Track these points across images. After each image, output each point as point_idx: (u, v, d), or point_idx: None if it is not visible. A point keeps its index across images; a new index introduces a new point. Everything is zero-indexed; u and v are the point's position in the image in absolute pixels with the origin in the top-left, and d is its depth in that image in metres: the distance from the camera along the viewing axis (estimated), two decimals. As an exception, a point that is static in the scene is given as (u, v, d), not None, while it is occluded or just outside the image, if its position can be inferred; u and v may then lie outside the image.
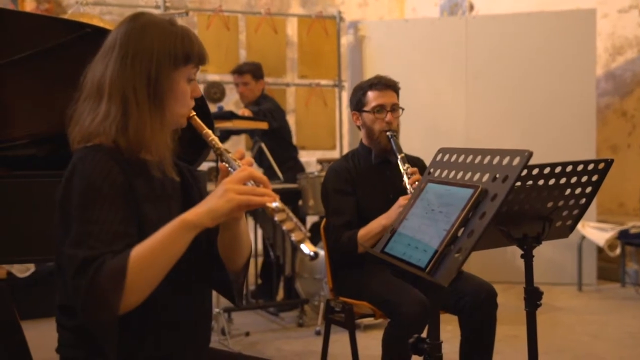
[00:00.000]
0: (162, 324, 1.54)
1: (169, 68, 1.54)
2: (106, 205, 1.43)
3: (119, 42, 1.54)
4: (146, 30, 1.54)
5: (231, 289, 1.68)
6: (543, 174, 1.76)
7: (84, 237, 1.39)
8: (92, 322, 1.38)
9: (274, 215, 1.41)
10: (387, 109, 2.86)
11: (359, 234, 2.74)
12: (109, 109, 1.52)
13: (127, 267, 1.34)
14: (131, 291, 1.35)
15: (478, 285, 2.63)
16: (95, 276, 1.34)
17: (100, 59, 1.57)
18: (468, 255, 1.49)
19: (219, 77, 6.06)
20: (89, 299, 1.35)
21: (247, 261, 1.70)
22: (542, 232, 1.89)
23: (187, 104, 1.61)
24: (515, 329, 3.81)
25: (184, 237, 1.40)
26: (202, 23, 5.71)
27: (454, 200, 1.62)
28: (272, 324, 4.59)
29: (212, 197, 1.42)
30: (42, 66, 2.77)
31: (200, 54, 1.60)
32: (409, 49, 5.95)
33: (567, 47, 5.67)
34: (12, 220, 2.51)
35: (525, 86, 5.74)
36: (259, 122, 4.72)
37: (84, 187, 1.44)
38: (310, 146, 6.13)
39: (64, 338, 1.56)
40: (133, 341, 1.47)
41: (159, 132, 1.54)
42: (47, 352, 1.86)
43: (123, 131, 1.51)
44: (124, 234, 1.43)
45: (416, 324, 2.42)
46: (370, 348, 3.37)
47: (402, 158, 2.72)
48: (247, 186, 1.43)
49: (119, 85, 1.52)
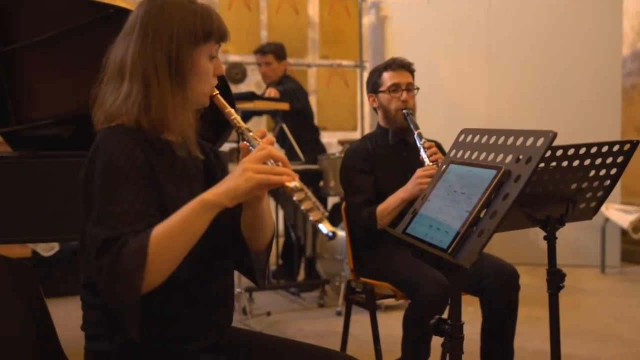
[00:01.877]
0: (184, 303, 1.55)
1: (189, 46, 1.54)
2: (128, 186, 1.43)
3: (139, 23, 1.54)
4: (165, 9, 1.54)
5: (253, 269, 1.69)
6: (567, 155, 1.74)
7: (106, 217, 1.40)
8: (114, 301, 1.39)
9: (293, 194, 1.41)
10: (403, 87, 2.90)
11: (378, 209, 2.76)
12: (130, 89, 1.52)
13: (148, 247, 1.35)
14: (152, 271, 1.36)
15: (500, 267, 2.62)
16: (117, 256, 1.35)
17: (121, 40, 1.57)
18: (490, 236, 1.48)
19: (240, 57, 6.06)
20: (111, 279, 1.36)
21: (270, 241, 1.70)
22: (565, 214, 1.87)
23: (210, 82, 1.60)
24: (537, 311, 3.80)
25: (204, 217, 1.40)
26: (223, 3, 5.70)
27: (477, 181, 1.61)
28: (293, 304, 4.62)
29: (231, 177, 1.42)
30: (66, 47, 2.79)
31: (221, 30, 1.59)
32: (431, 28, 5.90)
33: (592, 26, 5.59)
34: (37, 200, 2.55)
35: (548, 66, 5.66)
36: (280, 102, 4.71)
37: (106, 167, 1.44)
38: (331, 127, 6.13)
39: (89, 315, 1.58)
40: (155, 320, 1.48)
41: (181, 111, 1.54)
42: (71, 329, 1.88)
43: (145, 111, 1.51)
44: (146, 214, 1.43)
45: (437, 305, 2.42)
46: (391, 329, 3.37)
47: (419, 134, 2.75)
48: (266, 165, 1.42)
49: (140, 65, 1.52)
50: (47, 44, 2.78)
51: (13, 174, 2.59)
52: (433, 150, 2.69)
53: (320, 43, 6.07)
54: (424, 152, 2.68)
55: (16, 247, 4.59)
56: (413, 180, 2.68)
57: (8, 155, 3.06)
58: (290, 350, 1.71)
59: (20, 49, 2.84)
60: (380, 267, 2.79)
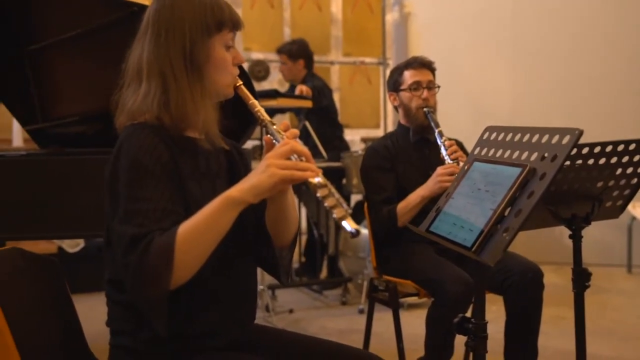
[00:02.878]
0: (207, 300, 1.55)
1: (202, 38, 1.54)
2: (153, 183, 1.44)
3: (151, 22, 1.56)
4: (175, 5, 1.55)
5: (277, 265, 1.69)
6: (593, 153, 1.72)
7: (132, 214, 1.41)
8: (141, 298, 1.40)
9: (316, 190, 1.40)
10: (424, 85, 2.89)
11: (399, 207, 2.77)
12: (149, 88, 1.53)
13: (175, 244, 1.36)
14: (180, 268, 1.36)
15: (524, 266, 2.60)
16: (144, 253, 1.36)
17: (137, 43, 1.58)
18: (515, 234, 1.47)
19: (263, 55, 6.07)
20: (138, 276, 1.36)
21: (294, 237, 1.70)
22: (591, 212, 1.85)
23: (230, 71, 1.60)
24: (562, 310, 3.76)
25: (229, 214, 1.40)
26: (246, 1, 5.72)
27: (501, 179, 1.60)
28: (315, 301, 4.62)
29: (255, 173, 1.42)
30: (91, 45, 2.81)
31: (233, 18, 1.58)
32: (455, 25, 5.86)
33: (619, 20, 5.51)
34: (63, 197, 2.58)
35: (574, 62, 5.60)
36: (303, 100, 4.71)
37: (131, 165, 1.45)
38: (354, 124, 6.11)
39: (114, 311, 1.59)
40: (179, 317, 1.49)
41: (200, 103, 1.54)
42: (96, 325, 1.90)
43: (165, 107, 1.52)
44: (171, 211, 1.44)
45: (460, 304, 2.42)
46: (414, 327, 3.36)
47: (439, 132, 2.75)
48: (289, 160, 1.42)
49: (155, 64, 1.53)
50: (73, 42, 2.82)
51: (40, 171, 2.62)
52: (454, 148, 2.69)
53: (343, 40, 6.06)
54: (444, 150, 2.68)
55: (42, 244, 4.66)
56: (433, 178, 2.67)
57: (35, 153, 3.11)
58: (312, 347, 1.71)
59: (46, 47, 2.88)
60: (403, 265, 2.78)
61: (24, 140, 5.03)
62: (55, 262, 1.74)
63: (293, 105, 4.89)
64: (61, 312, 1.69)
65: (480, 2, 5.90)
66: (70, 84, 3.00)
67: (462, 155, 2.68)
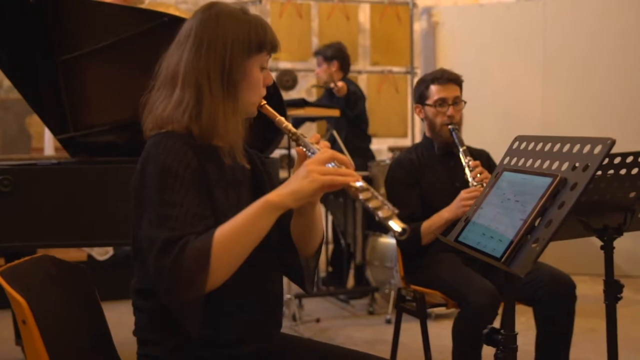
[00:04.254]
0: (234, 308, 1.56)
1: (242, 56, 1.55)
2: (183, 188, 1.45)
3: (194, 32, 1.56)
4: (220, 19, 1.56)
5: (302, 274, 1.69)
6: (625, 163, 1.70)
7: (165, 219, 1.42)
8: (175, 302, 1.40)
9: (359, 194, 1.41)
10: (449, 102, 2.86)
11: (423, 226, 2.75)
12: (182, 97, 1.54)
13: (211, 248, 1.37)
14: (215, 271, 1.37)
15: (556, 277, 2.57)
16: (179, 256, 1.36)
17: (175, 48, 1.59)
18: (546, 245, 1.45)
19: (291, 64, 6.09)
20: (173, 280, 1.37)
21: (319, 247, 1.70)
22: (623, 223, 1.82)
23: (260, 92, 1.62)
24: (593, 322, 3.70)
25: (267, 218, 1.41)
26: (275, 11, 5.74)
27: (531, 189, 1.58)
28: (342, 311, 4.61)
29: (295, 179, 1.43)
30: (121, 55, 2.85)
31: (273, 42, 1.61)
32: (484, 34, 5.82)
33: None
34: (93, 205, 2.61)
35: (605, 71, 5.52)
36: (330, 109, 4.72)
37: (160, 171, 1.46)
38: (381, 134, 6.09)
39: (141, 321, 1.60)
40: (205, 326, 1.49)
41: (231, 120, 1.56)
42: (125, 332, 1.92)
43: (197, 118, 1.53)
44: (202, 216, 1.45)
45: (485, 314, 2.40)
46: (442, 338, 3.33)
47: (463, 151, 2.72)
48: (330, 167, 1.44)
49: (193, 74, 1.54)
50: (104, 52, 2.86)
51: (71, 179, 2.66)
52: (478, 170, 2.65)
53: (371, 49, 6.05)
54: (469, 171, 2.65)
55: (72, 251, 4.71)
56: (457, 201, 2.65)
57: (67, 161, 3.15)
58: (339, 357, 1.71)
59: (77, 57, 2.92)
60: (430, 275, 2.76)
61: (55, 149, 5.11)
62: (85, 269, 1.76)
63: (321, 115, 4.89)
64: (91, 319, 1.71)
65: (509, 11, 5.86)
66: (100, 94, 3.04)
67: (486, 177, 2.64)
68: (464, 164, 2.68)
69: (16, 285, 1.46)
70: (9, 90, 6.01)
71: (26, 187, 2.55)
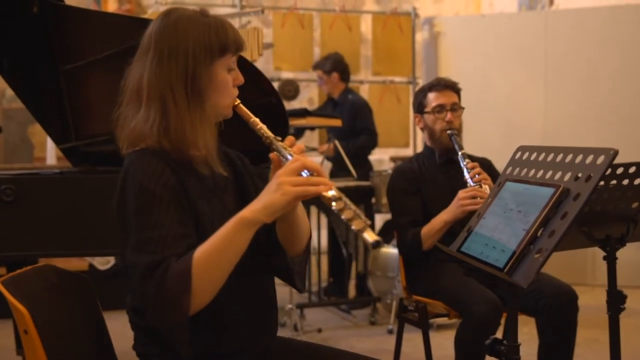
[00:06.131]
0: (228, 318, 1.54)
1: (206, 62, 1.51)
2: (162, 208, 1.43)
3: (154, 42, 1.53)
4: (179, 25, 1.52)
5: (292, 273, 1.67)
6: (628, 173, 1.69)
7: (144, 243, 1.40)
8: (163, 325, 1.40)
9: (331, 204, 1.38)
10: (447, 108, 2.88)
11: (423, 231, 2.75)
12: (148, 113, 1.51)
13: (192, 269, 1.35)
14: (198, 292, 1.36)
15: (558, 287, 2.57)
16: (161, 281, 1.35)
17: (137, 61, 1.56)
18: (549, 256, 1.45)
19: (293, 74, 6.11)
20: (157, 304, 1.36)
21: (307, 243, 1.68)
22: (626, 234, 1.82)
23: (230, 93, 1.57)
24: (596, 333, 3.69)
25: (243, 235, 1.39)
26: (277, 21, 5.76)
27: (534, 199, 1.58)
28: (344, 321, 4.59)
29: (266, 192, 1.39)
30: (124, 65, 2.85)
31: (237, 42, 1.55)
32: (486, 45, 5.83)
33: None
34: (95, 215, 2.60)
35: (607, 82, 5.53)
36: (332, 119, 4.73)
37: (138, 192, 1.44)
38: (383, 144, 6.09)
39: (138, 336, 1.60)
40: (201, 339, 1.49)
41: (199, 127, 1.52)
42: (126, 342, 1.91)
43: (165, 132, 1.50)
44: (183, 235, 1.43)
45: (487, 325, 2.40)
46: (444, 348, 3.33)
47: (462, 154, 2.74)
48: (301, 177, 1.39)
49: (156, 87, 1.50)
50: (106, 62, 2.86)
51: (73, 189, 2.66)
52: (477, 170, 2.66)
53: (373, 60, 6.06)
54: (467, 172, 2.66)
55: (74, 261, 4.71)
56: (455, 202, 2.65)
57: (69, 171, 3.15)
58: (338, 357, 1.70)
59: (80, 67, 2.92)
60: (432, 285, 2.76)
61: (57, 159, 5.11)
62: (87, 278, 1.76)
63: (322, 124, 4.90)
64: (93, 328, 1.71)
65: (511, 21, 5.87)
66: (103, 103, 3.02)
67: (485, 178, 2.65)
68: (463, 165, 2.70)
69: (18, 295, 1.45)
70: (12, 100, 6.03)
71: (28, 197, 2.55)
